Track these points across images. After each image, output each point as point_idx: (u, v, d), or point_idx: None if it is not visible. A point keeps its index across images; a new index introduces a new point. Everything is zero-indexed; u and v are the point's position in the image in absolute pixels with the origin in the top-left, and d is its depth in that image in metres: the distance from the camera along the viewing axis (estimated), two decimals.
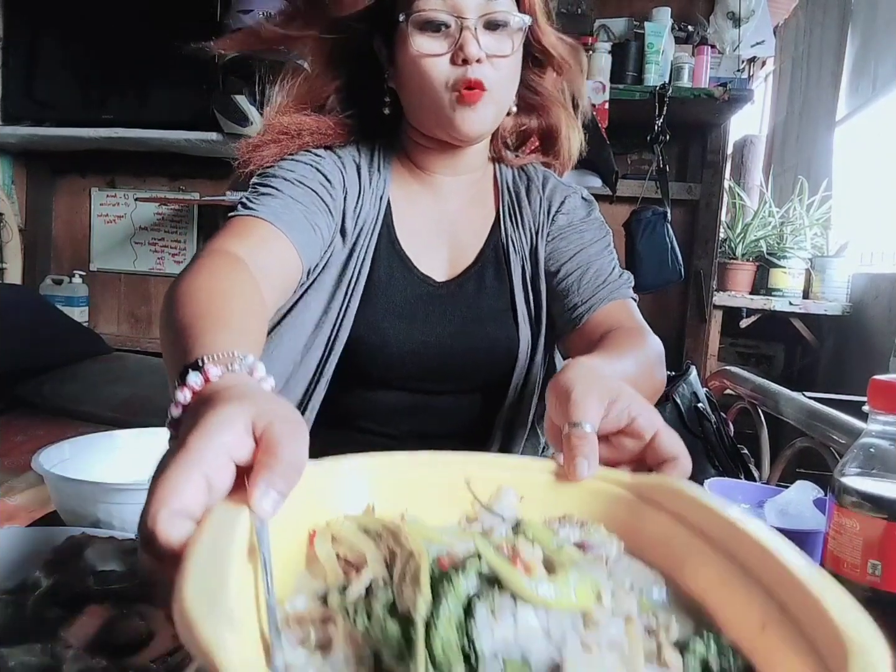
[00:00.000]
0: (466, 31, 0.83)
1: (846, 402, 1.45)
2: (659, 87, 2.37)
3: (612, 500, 0.48)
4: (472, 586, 0.36)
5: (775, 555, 0.37)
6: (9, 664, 0.45)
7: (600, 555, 0.43)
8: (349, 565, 0.41)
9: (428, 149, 0.96)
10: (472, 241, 0.98)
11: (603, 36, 2.56)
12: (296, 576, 0.41)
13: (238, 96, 2.32)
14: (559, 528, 0.46)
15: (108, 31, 2.65)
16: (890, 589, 0.45)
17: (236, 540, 0.35)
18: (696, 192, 2.74)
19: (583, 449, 0.49)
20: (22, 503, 0.94)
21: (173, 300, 0.61)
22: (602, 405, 0.51)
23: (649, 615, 0.38)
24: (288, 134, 0.92)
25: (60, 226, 3.02)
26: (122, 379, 2.10)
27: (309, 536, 0.42)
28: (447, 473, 0.49)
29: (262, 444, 0.38)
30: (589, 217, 1.01)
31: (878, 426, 0.49)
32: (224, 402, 0.40)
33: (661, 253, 2.36)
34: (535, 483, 0.50)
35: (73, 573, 0.55)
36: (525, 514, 0.47)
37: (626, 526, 0.46)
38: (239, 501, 0.37)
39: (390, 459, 0.49)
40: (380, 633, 0.34)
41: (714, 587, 0.40)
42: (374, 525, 0.42)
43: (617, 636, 0.36)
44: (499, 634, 0.34)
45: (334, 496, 0.45)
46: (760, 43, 2.57)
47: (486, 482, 0.49)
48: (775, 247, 2.73)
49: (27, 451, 1.76)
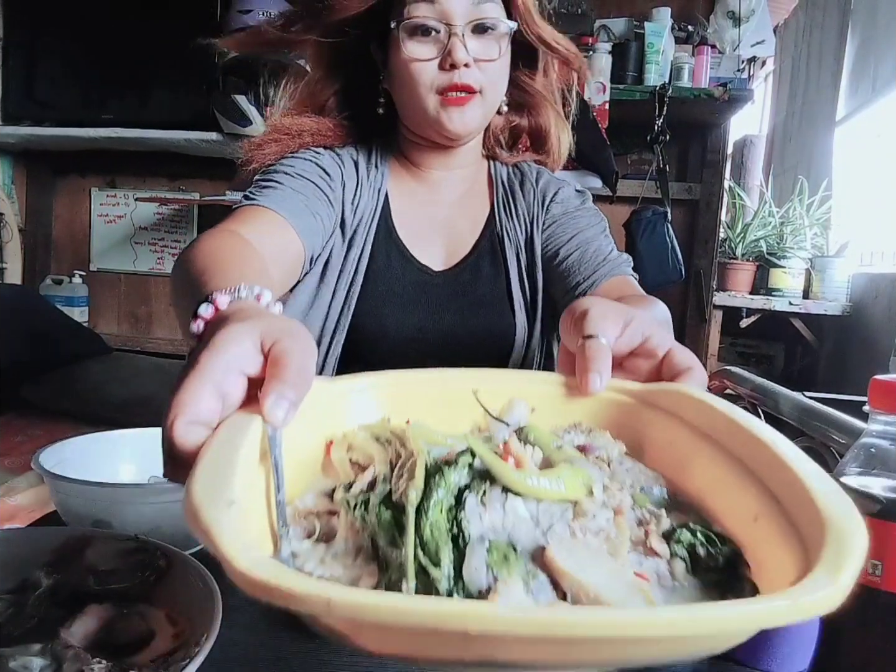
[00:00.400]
0: (454, 37, 0.87)
1: (846, 402, 1.45)
2: (659, 87, 2.37)
3: (621, 408, 0.49)
4: (464, 478, 0.38)
5: (771, 448, 0.37)
6: (9, 664, 0.45)
7: (601, 455, 0.44)
8: (361, 469, 0.42)
9: (421, 146, 1.00)
10: (467, 233, 1.01)
11: (603, 36, 2.56)
12: (310, 475, 0.43)
13: (238, 96, 2.32)
14: (565, 434, 0.47)
15: (108, 32, 2.65)
16: (890, 589, 0.45)
17: (247, 443, 0.36)
18: (696, 192, 2.74)
19: (596, 362, 0.48)
20: (22, 503, 0.94)
21: (183, 261, 0.65)
22: (617, 325, 0.51)
23: (642, 509, 0.40)
24: (289, 134, 0.96)
25: (60, 226, 3.02)
26: (122, 379, 2.10)
27: (326, 446, 0.44)
28: (461, 388, 0.50)
29: (271, 358, 0.39)
30: (583, 205, 1.03)
31: (878, 426, 0.49)
32: (233, 322, 0.41)
33: (661, 253, 2.36)
34: (547, 395, 0.50)
35: (73, 573, 0.55)
36: (536, 423, 0.47)
37: (632, 432, 0.47)
38: (252, 411, 0.39)
39: (406, 376, 0.51)
40: (375, 521, 0.36)
41: (713, 484, 0.41)
42: (383, 432, 0.44)
43: (605, 526, 0.37)
44: (487, 521, 0.36)
45: (352, 411, 0.47)
46: (761, 42, 2.57)
47: (499, 395, 0.50)
48: (775, 247, 2.73)
49: (27, 451, 1.76)
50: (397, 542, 0.35)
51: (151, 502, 0.66)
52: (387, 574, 0.34)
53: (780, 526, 0.35)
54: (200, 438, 0.36)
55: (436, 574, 0.33)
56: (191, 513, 0.30)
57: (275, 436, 0.38)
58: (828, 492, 0.33)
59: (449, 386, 0.51)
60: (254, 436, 0.37)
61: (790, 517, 0.34)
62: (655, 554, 0.37)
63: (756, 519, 0.37)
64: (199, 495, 0.31)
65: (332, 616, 0.26)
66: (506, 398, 0.50)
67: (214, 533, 0.29)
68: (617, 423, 0.48)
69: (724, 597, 0.35)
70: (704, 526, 0.39)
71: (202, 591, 0.52)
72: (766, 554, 0.35)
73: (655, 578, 0.36)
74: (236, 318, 0.42)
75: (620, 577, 0.35)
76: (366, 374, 0.49)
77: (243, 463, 0.35)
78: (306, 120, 0.97)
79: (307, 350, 0.40)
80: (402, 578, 0.33)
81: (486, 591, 0.33)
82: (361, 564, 0.36)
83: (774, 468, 0.37)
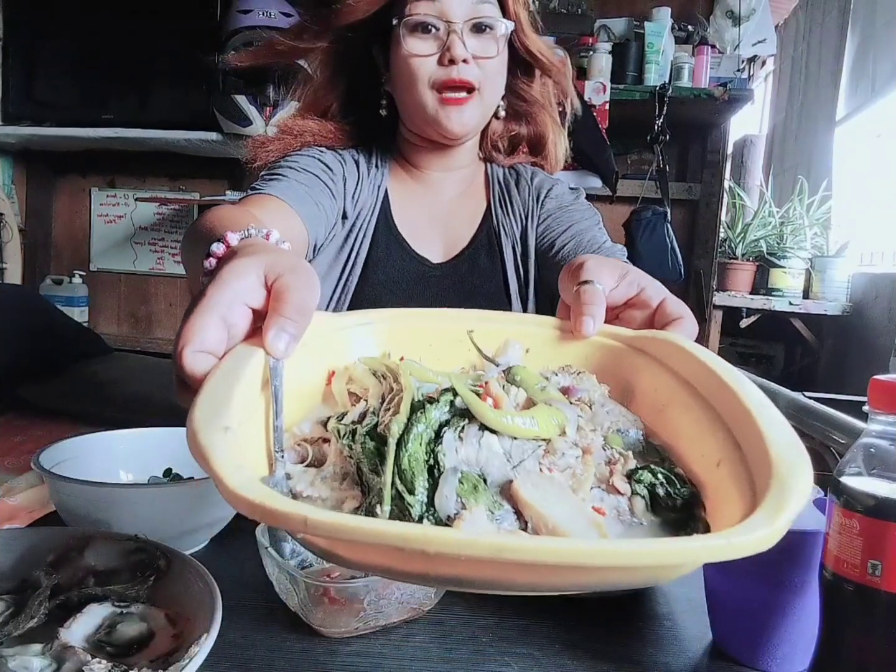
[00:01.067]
0: (453, 34, 0.90)
1: (846, 402, 1.46)
2: (659, 87, 2.37)
3: (611, 352, 0.51)
4: (444, 414, 0.40)
5: (739, 396, 0.39)
6: (9, 664, 0.45)
7: (583, 398, 0.46)
8: (357, 400, 0.45)
9: (420, 147, 1.03)
10: (465, 228, 1.05)
11: (603, 36, 2.56)
12: (310, 404, 0.46)
13: (238, 96, 2.32)
14: (552, 375, 0.49)
15: (108, 32, 2.65)
16: (890, 589, 0.45)
17: (248, 372, 0.39)
18: (696, 192, 2.74)
19: (591, 307, 0.51)
20: (22, 503, 0.94)
21: (195, 225, 0.67)
22: (613, 276, 0.54)
23: (612, 449, 0.42)
24: (292, 134, 1.00)
25: (60, 226, 3.02)
26: (122, 379, 2.10)
27: (328, 376, 0.47)
28: (458, 327, 0.53)
29: (274, 292, 0.41)
30: (577, 201, 1.06)
31: (878, 426, 0.48)
32: (240, 257, 0.43)
33: (661, 253, 2.36)
34: (541, 337, 0.53)
35: (73, 573, 0.55)
36: (528, 364, 0.50)
37: (619, 375, 0.49)
38: (255, 343, 0.41)
39: (407, 313, 0.53)
40: (360, 450, 0.39)
41: (685, 429, 0.43)
42: (379, 367, 0.46)
43: (573, 463, 0.40)
44: (462, 454, 0.39)
45: (354, 345, 0.50)
46: (762, 41, 2.57)
47: (495, 335, 0.52)
48: (775, 247, 2.73)
49: (27, 451, 1.76)
50: (378, 471, 0.37)
51: (151, 502, 0.66)
52: (368, 498, 0.37)
53: (738, 471, 0.36)
54: (207, 366, 0.39)
55: (410, 500, 0.36)
56: (190, 436, 0.33)
57: (276, 366, 0.40)
58: (781, 441, 0.35)
59: (448, 325, 0.53)
60: (256, 365, 0.40)
61: (747, 463, 0.36)
62: (617, 491, 0.39)
63: (719, 464, 0.39)
64: (199, 421, 0.33)
65: (309, 533, 0.29)
66: (502, 338, 0.52)
67: (209, 455, 0.31)
68: (606, 367, 0.50)
69: (678, 535, 0.37)
70: (669, 469, 0.41)
71: (202, 591, 0.52)
72: (722, 497, 0.37)
73: (615, 514, 0.38)
74: (244, 252, 0.44)
75: (580, 511, 0.37)
76: (369, 310, 0.52)
77: (243, 391, 0.37)
78: (309, 122, 1.01)
79: (309, 285, 0.42)
80: (380, 503, 0.36)
81: (454, 518, 0.36)
82: (347, 488, 0.39)
83: (740, 416, 0.38)
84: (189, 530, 0.69)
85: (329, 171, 0.97)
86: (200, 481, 0.73)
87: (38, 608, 0.51)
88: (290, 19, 2.43)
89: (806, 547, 0.53)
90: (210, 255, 0.49)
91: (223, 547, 0.73)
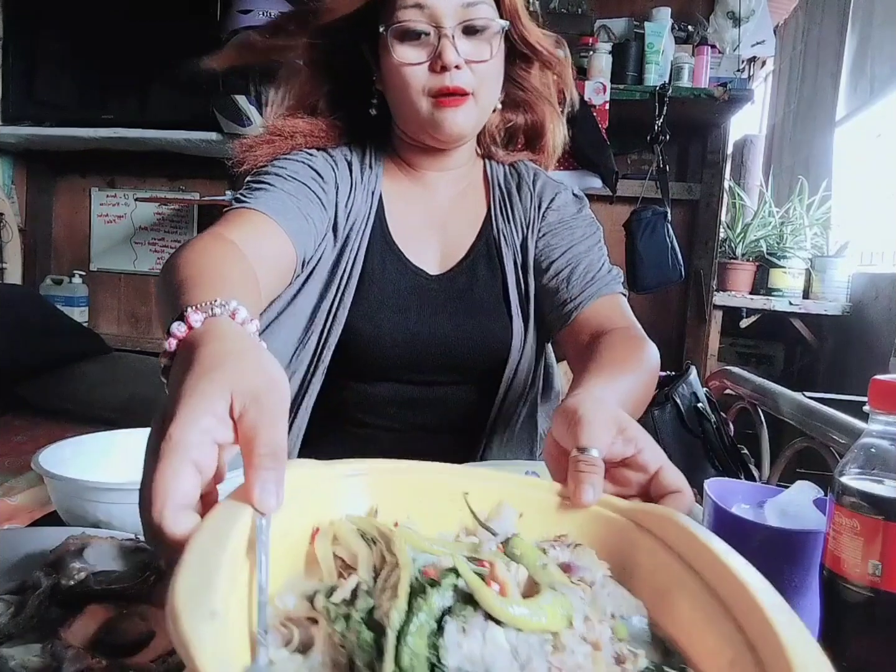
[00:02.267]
0: (444, 39, 0.86)
1: (846, 402, 1.45)
2: (659, 87, 2.37)
3: (608, 524, 0.48)
4: (447, 600, 0.37)
5: (750, 592, 0.37)
6: (9, 664, 0.45)
7: (584, 577, 0.44)
8: (345, 566, 0.42)
9: (415, 147, 0.98)
10: (463, 235, 1.00)
11: (603, 36, 2.56)
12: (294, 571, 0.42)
13: (238, 96, 2.32)
14: (550, 548, 0.46)
15: (109, 31, 2.65)
16: (890, 589, 0.45)
17: (233, 536, 0.35)
18: (696, 192, 2.74)
19: (590, 475, 0.49)
20: (22, 503, 0.94)
21: (166, 270, 0.64)
22: (611, 433, 0.52)
23: (621, 643, 0.39)
24: (281, 135, 0.95)
25: (60, 226, 3.02)
26: (122, 379, 2.10)
27: (311, 534, 0.43)
28: (451, 484, 0.50)
29: (242, 436, 0.39)
30: (580, 214, 1.02)
31: (878, 426, 0.48)
32: (201, 375, 0.41)
33: (661, 253, 2.36)
34: (538, 502, 0.50)
35: (73, 573, 0.55)
36: (522, 531, 0.47)
37: (617, 551, 0.47)
38: (239, 498, 0.38)
39: (396, 466, 0.50)
40: (355, 639, 0.35)
41: (692, 620, 0.41)
42: (370, 529, 0.43)
43: (583, 662, 0.37)
44: (466, 650, 0.35)
45: (340, 498, 0.46)
46: (761, 42, 2.57)
47: (488, 495, 0.50)
48: (775, 247, 2.73)
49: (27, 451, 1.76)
50: (374, 667, 0.34)
51: None
52: None
53: None
54: (190, 525, 0.36)
55: None
56: (173, 621, 0.30)
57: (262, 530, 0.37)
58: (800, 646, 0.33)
59: (440, 480, 0.50)
60: (241, 528, 0.37)
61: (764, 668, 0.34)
62: None
63: (732, 665, 0.36)
64: (182, 605, 0.30)
65: None
66: (496, 500, 0.49)
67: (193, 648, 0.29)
68: (603, 539, 0.48)
69: None
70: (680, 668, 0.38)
71: None
72: None
73: None
74: (205, 362, 0.42)
75: None
76: (355, 461, 0.48)
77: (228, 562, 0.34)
78: (299, 122, 0.96)
79: (275, 419, 0.40)
80: None
81: None
82: None
83: (751, 612, 0.36)
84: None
85: (320, 178, 0.92)
86: None
87: (38, 608, 0.51)
88: None
89: (806, 547, 0.53)
90: (171, 333, 0.47)
91: None
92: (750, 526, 0.55)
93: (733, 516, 0.56)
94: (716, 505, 0.57)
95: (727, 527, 0.55)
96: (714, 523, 0.57)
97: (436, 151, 0.98)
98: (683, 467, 0.53)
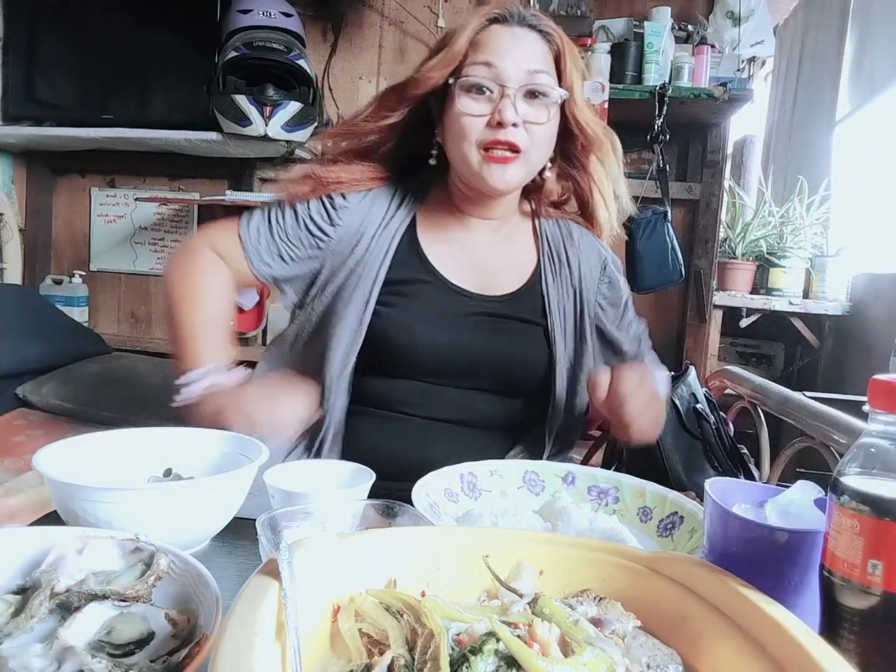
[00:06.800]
0: (506, 98, 0.94)
1: (846, 402, 1.45)
2: (659, 87, 2.37)
3: (629, 574, 0.49)
4: (491, 666, 0.38)
5: (789, 632, 0.38)
6: (9, 664, 0.45)
7: (616, 630, 0.44)
8: (372, 641, 0.42)
9: (467, 195, 1.06)
10: (506, 276, 1.08)
11: (602, 37, 2.56)
12: (320, 651, 0.42)
13: (238, 96, 2.32)
14: (576, 603, 0.47)
15: (109, 31, 2.64)
16: (890, 589, 0.45)
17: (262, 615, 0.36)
18: (696, 191, 2.74)
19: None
20: (22, 503, 0.94)
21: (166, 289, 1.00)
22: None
23: None
24: (323, 184, 1.05)
25: (60, 226, 3.02)
26: (122, 379, 2.10)
27: (333, 611, 0.44)
28: (469, 547, 0.50)
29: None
30: (620, 279, 1.15)
31: (878, 426, 0.48)
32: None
33: (661, 253, 2.35)
34: (555, 556, 0.51)
35: (73, 573, 0.55)
36: (544, 588, 0.47)
37: (642, 601, 0.47)
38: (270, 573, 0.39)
39: (413, 532, 0.51)
40: None
41: (727, 664, 0.41)
42: (395, 602, 0.43)
43: None
44: None
45: (358, 569, 0.46)
46: (760, 42, 2.56)
47: (507, 555, 0.50)
48: (775, 246, 2.73)
49: (27, 451, 1.76)
50: None
51: (151, 502, 0.66)
52: None
53: None
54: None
55: None
56: None
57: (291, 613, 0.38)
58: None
59: (455, 545, 0.50)
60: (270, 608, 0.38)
61: None
62: None
63: None
64: None
65: None
66: (513, 560, 0.50)
67: None
68: (625, 591, 0.48)
69: None
70: None
71: (202, 591, 0.52)
72: None
73: None
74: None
75: None
76: (367, 532, 0.50)
77: (262, 646, 0.35)
78: (343, 174, 1.05)
79: None
80: None
81: None
82: None
83: (792, 652, 0.36)
84: (189, 530, 0.69)
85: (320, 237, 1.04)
86: (200, 481, 0.73)
87: (38, 608, 0.51)
88: (289, 19, 2.43)
89: (806, 547, 0.53)
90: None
91: (223, 547, 0.73)
92: (750, 526, 0.55)
93: (734, 516, 0.56)
94: (716, 505, 0.57)
95: (727, 527, 0.55)
96: (714, 523, 0.57)
97: (483, 198, 1.04)
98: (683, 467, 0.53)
